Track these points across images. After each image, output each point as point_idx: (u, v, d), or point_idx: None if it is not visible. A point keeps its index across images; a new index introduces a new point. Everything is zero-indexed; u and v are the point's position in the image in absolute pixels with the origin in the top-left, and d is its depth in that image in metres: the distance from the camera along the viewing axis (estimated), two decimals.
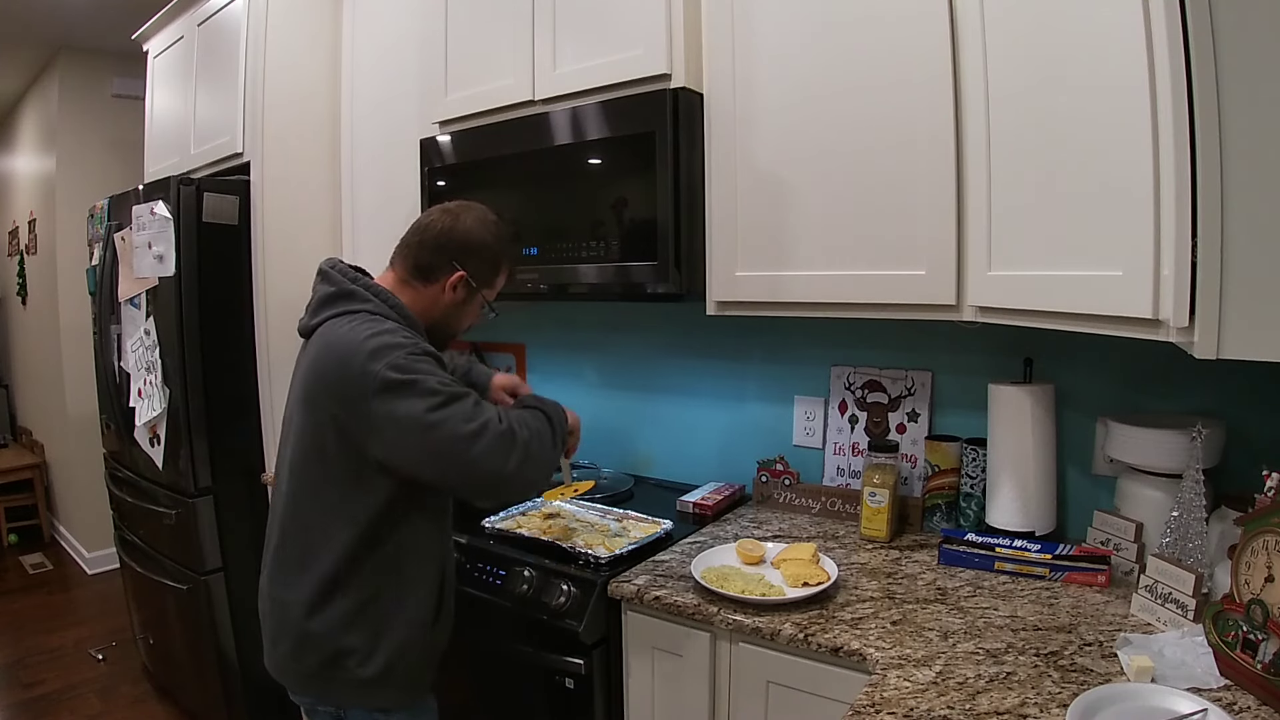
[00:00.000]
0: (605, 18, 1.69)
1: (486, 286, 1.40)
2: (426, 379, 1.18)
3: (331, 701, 1.31)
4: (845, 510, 1.79)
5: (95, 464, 3.26)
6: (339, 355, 1.21)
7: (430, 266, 1.34)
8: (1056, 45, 1.16)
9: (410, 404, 1.16)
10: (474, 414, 1.20)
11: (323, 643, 1.26)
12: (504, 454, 1.20)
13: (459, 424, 1.18)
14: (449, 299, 1.35)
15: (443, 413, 1.17)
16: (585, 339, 2.33)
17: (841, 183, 1.48)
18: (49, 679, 2.97)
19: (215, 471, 2.31)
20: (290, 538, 1.30)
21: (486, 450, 1.19)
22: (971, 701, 1.02)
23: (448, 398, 1.19)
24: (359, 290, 1.29)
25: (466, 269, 1.34)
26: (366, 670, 1.26)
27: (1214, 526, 1.25)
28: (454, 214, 1.36)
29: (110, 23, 3.49)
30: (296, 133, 2.37)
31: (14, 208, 4.90)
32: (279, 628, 1.31)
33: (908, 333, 1.75)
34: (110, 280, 2.57)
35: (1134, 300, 1.02)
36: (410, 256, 1.35)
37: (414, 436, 1.17)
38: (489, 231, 1.37)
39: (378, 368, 1.17)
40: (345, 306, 1.28)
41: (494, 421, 1.21)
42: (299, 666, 1.29)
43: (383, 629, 1.27)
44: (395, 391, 1.16)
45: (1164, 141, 0.96)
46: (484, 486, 1.23)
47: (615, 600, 1.47)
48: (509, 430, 1.22)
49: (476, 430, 1.18)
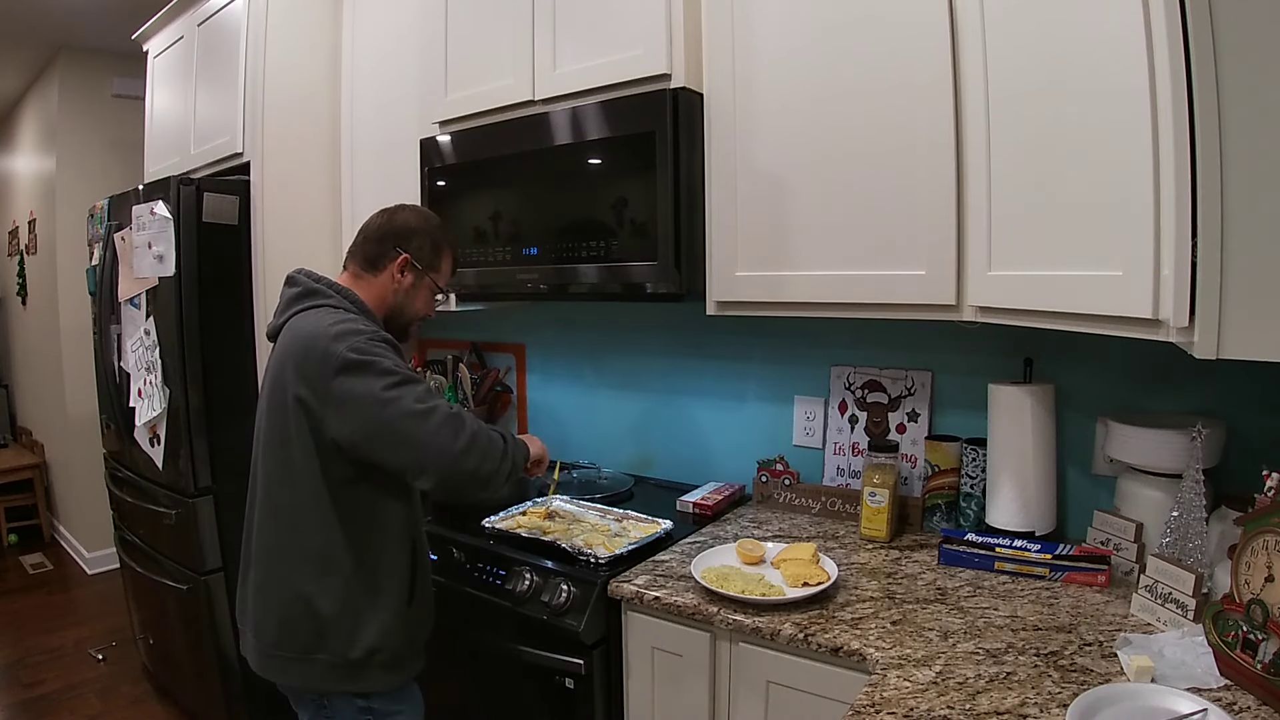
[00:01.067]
0: (605, 18, 1.69)
1: (432, 270, 1.47)
2: (383, 360, 1.26)
3: (315, 686, 1.34)
4: (845, 510, 1.79)
5: (95, 464, 3.26)
6: (304, 340, 1.30)
7: (376, 256, 1.44)
8: (1057, 47, 1.16)
9: (367, 381, 1.24)
10: (426, 396, 1.27)
11: (306, 624, 1.30)
12: (451, 434, 1.25)
13: (411, 402, 1.24)
14: (398, 284, 1.44)
15: (397, 390, 1.24)
16: (585, 339, 2.33)
17: (842, 183, 1.48)
18: (49, 679, 2.97)
19: (215, 471, 2.31)
20: (268, 523, 1.35)
21: (435, 428, 1.24)
22: (971, 701, 1.02)
23: (403, 378, 1.26)
24: (321, 288, 1.39)
25: (409, 251, 1.44)
26: (350, 652, 1.30)
27: (1214, 526, 1.25)
28: (390, 211, 1.48)
29: (110, 23, 3.49)
30: (296, 133, 2.37)
31: (14, 208, 4.90)
32: (262, 613, 1.35)
33: (908, 333, 1.75)
34: (110, 280, 2.57)
35: (1134, 300, 1.03)
36: (358, 253, 1.46)
37: (369, 412, 1.24)
38: (423, 218, 1.48)
39: (339, 349, 1.25)
40: (309, 302, 1.38)
41: (444, 405, 1.28)
42: (284, 651, 1.32)
43: (361, 610, 1.32)
44: (354, 370, 1.24)
45: (1164, 142, 0.96)
46: (431, 465, 1.26)
47: (615, 600, 1.47)
48: (458, 415, 1.28)
49: (427, 410, 1.25)
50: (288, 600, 1.31)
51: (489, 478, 1.31)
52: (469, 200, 1.95)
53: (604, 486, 2.04)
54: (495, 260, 1.87)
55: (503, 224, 1.87)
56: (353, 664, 1.31)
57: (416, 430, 1.24)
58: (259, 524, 1.37)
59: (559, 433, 2.40)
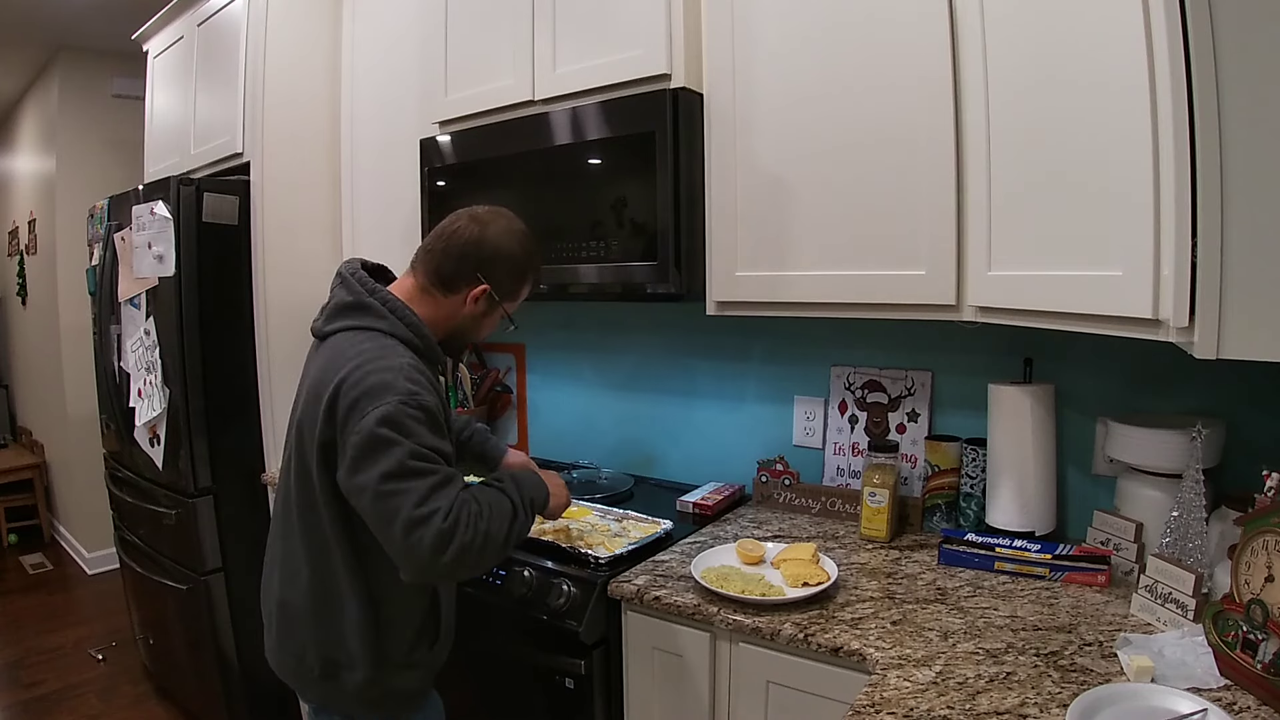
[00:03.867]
0: (605, 18, 1.69)
1: (509, 299, 1.34)
2: (404, 444, 1.11)
3: (335, 709, 1.31)
4: (845, 510, 1.79)
5: (95, 464, 3.26)
6: (339, 379, 1.16)
7: (453, 276, 1.28)
8: (1057, 46, 1.16)
9: (376, 463, 1.11)
10: (427, 499, 1.11)
11: (321, 650, 1.26)
12: (434, 548, 1.10)
13: (408, 506, 1.10)
14: (469, 310, 1.31)
15: (398, 484, 1.10)
16: (585, 339, 2.33)
17: (841, 183, 1.48)
18: (49, 679, 2.97)
19: (215, 471, 2.31)
20: (291, 543, 1.28)
21: (418, 540, 1.10)
22: (971, 701, 1.02)
23: (414, 472, 1.11)
24: (374, 304, 1.24)
25: (490, 281, 1.29)
26: (360, 683, 1.25)
27: (1214, 526, 1.25)
28: (482, 222, 1.30)
29: (110, 23, 3.49)
30: (296, 133, 2.37)
31: (14, 208, 4.90)
32: (285, 630, 1.31)
33: (908, 333, 1.75)
34: (110, 280, 2.57)
35: (1134, 300, 1.03)
36: (433, 263, 1.29)
37: (366, 495, 1.12)
38: (516, 243, 1.31)
39: (369, 409, 1.12)
40: (358, 321, 1.24)
41: (439, 516, 1.11)
42: (303, 670, 1.29)
43: (378, 643, 1.25)
44: (371, 444, 1.11)
45: (1164, 142, 0.96)
46: (407, 567, 1.14)
47: (615, 600, 1.47)
48: (450, 530, 1.11)
49: (420, 517, 1.10)
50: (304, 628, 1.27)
51: (487, 568, 1.22)
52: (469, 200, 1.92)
53: (604, 486, 2.04)
54: None
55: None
56: (366, 695, 1.26)
57: (402, 537, 1.10)
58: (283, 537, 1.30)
59: (559, 433, 2.40)
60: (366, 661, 1.25)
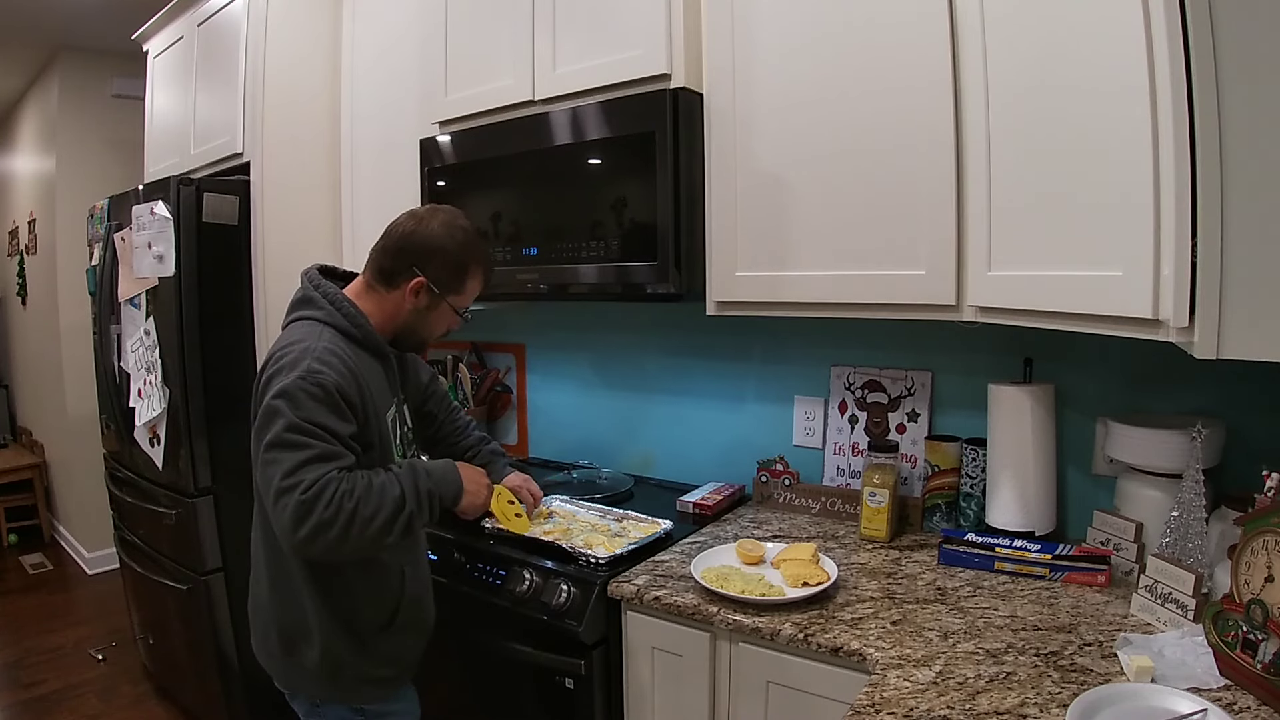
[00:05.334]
0: (605, 18, 1.69)
1: (452, 293, 1.35)
2: (288, 416, 1.15)
3: (302, 690, 1.36)
4: (845, 510, 1.79)
5: (95, 464, 3.26)
6: (265, 362, 1.25)
7: (392, 271, 1.32)
8: (1057, 47, 1.16)
9: (264, 433, 1.16)
10: (295, 470, 1.13)
11: (278, 629, 1.33)
12: (295, 521, 1.12)
13: (277, 475, 1.13)
14: (411, 304, 1.33)
15: (274, 454, 1.14)
16: (585, 339, 2.33)
17: (842, 183, 1.48)
18: (49, 679, 2.97)
19: (215, 471, 2.31)
20: (256, 528, 1.37)
21: (281, 509, 1.13)
22: (971, 701, 1.02)
23: (290, 444, 1.14)
24: (316, 296, 1.31)
25: (426, 274, 1.31)
26: (314, 663, 1.31)
27: (1214, 526, 1.25)
28: (418, 218, 1.34)
29: (110, 23, 3.48)
30: (296, 133, 2.37)
31: (14, 208, 4.90)
32: (254, 616, 1.39)
33: (908, 333, 1.75)
34: (110, 280, 2.57)
35: (1134, 300, 1.03)
36: (375, 261, 1.34)
37: (256, 464, 1.18)
38: (453, 237, 1.32)
39: (274, 384, 1.18)
40: (302, 312, 1.31)
41: (300, 488, 1.12)
42: (268, 652, 1.36)
43: (325, 623, 1.30)
44: (265, 415, 1.17)
45: (1164, 142, 0.96)
46: (281, 537, 1.16)
47: (615, 600, 1.47)
48: (309, 503, 1.12)
49: (285, 488, 1.12)
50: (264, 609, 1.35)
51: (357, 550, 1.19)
52: (469, 200, 1.94)
53: (604, 486, 2.04)
54: (495, 260, 1.87)
55: (503, 224, 1.87)
56: (321, 674, 1.32)
57: (270, 502, 1.14)
58: (254, 527, 1.38)
59: (559, 433, 2.40)
60: (320, 632, 1.29)
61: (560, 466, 2.23)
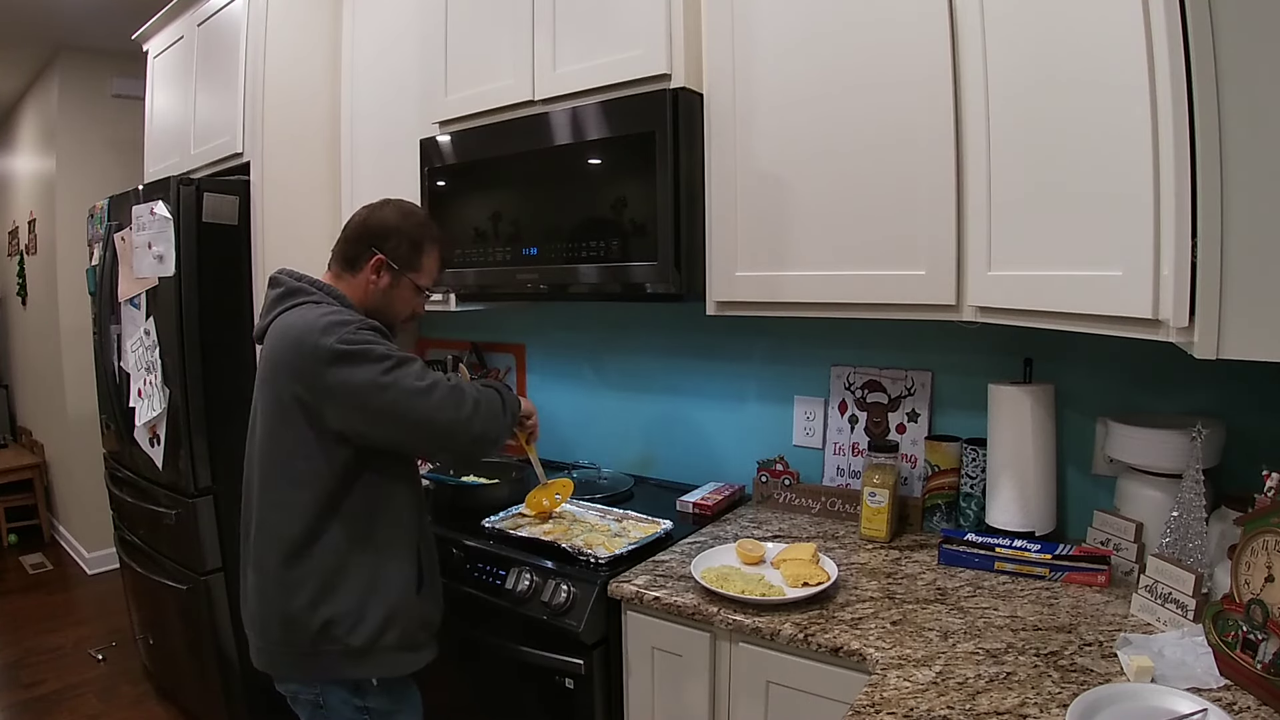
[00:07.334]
0: (605, 18, 1.69)
1: (411, 269, 1.45)
2: (374, 346, 1.29)
3: (318, 678, 1.34)
4: (845, 510, 1.79)
5: (95, 464, 3.26)
6: (294, 335, 1.31)
7: (354, 256, 1.43)
8: (1057, 45, 1.16)
9: (364, 369, 1.26)
10: (423, 374, 1.31)
11: (308, 616, 1.31)
12: (455, 405, 1.31)
13: (411, 381, 1.28)
14: (375, 284, 1.43)
15: (395, 374, 1.27)
16: (585, 339, 2.33)
17: (842, 183, 1.48)
18: (49, 679, 2.97)
19: (215, 471, 2.31)
20: (268, 524, 1.35)
21: (439, 402, 1.29)
22: (971, 701, 1.02)
23: (398, 361, 1.29)
24: (305, 286, 1.40)
25: (384, 251, 1.42)
26: (356, 638, 1.31)
27: (1214, 526, 1.25)
28: (371, 207, 1.47)
29: (110, 23, 3.48)
30: (296, 133, 2.37)
31: (14, 208, 4.90)
32: (265, 612, 1.35)
33: (908, 333, 1.75)
34: (110, 280, 2.57)
35: (1134, 300, 1.02)
36: (338, 252, 1.46)
37: (371, 399, 1.26)
38: (402, 216, 1.45)
39: (330, 341, 1.27)
40: (293, 301, 1.38)
41: (443, 379, 1.33)
42: (288, 648, 1.33)
43: (367, 595, 1.33)
44: (348, 360, 1.26)
45: (1164, 141, 0.96)
46: (439, 437, 1.33)
47: (615, 600, 1.47)
48: (458, 386, 1.33)
49: (427, 387, 1.29)
50: (291, 597, 1.31)
51: (497, 438, 1.40)
52: (469, 200, 1.95)
53: (604, 486, 2.04)
54: (495, 260, 1.87)
55: (503, 224, 1.87)
56: (361, 650, 1.32)
57: (422, 408, 1.28)
58: (258, 525, 1.37)
59: (559, 433, 2.40)
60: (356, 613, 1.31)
61: (560, 466, 2.23)
